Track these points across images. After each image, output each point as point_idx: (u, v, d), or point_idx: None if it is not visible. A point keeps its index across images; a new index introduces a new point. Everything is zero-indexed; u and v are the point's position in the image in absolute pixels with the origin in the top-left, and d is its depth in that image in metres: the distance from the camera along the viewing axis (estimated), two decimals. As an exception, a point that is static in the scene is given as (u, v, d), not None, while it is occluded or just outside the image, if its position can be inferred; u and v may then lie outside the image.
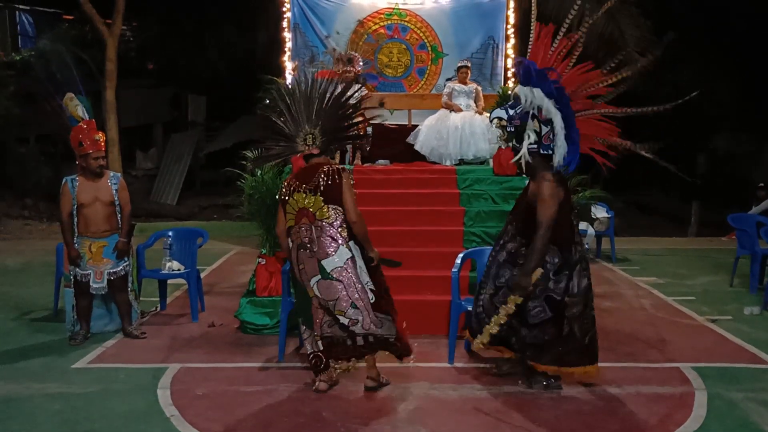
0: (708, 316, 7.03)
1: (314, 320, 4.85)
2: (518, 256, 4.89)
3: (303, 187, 4.82)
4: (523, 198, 5.02)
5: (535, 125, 4.82)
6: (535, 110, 4.81)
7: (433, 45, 10.05)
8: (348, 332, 4.77)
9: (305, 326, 4.96)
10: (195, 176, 21.51)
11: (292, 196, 4.84)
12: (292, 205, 4.84)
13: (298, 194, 4.82)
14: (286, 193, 4.89)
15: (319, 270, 4.74)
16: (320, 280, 4.74)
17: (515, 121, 4.89)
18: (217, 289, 8.10)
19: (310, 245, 4.76)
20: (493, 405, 4.78)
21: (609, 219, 10.16)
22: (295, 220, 4.83)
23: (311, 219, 4.78)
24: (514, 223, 5.03)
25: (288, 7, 9.80)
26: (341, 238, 4.76)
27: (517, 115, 4.89)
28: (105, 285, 6.07)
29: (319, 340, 4.85)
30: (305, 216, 4.79)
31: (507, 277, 4.92)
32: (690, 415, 4.60)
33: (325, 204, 4.76)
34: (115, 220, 6.12)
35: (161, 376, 5.26)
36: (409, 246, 6.98)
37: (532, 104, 4.80)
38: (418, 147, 9.03)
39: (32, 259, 10.00)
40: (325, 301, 4.74)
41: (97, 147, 6.01)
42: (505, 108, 4.99)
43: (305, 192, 4.80)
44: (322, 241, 4.75)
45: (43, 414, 4.62)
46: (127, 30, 19.87)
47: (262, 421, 4.52)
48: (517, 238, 4.96)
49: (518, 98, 4.90)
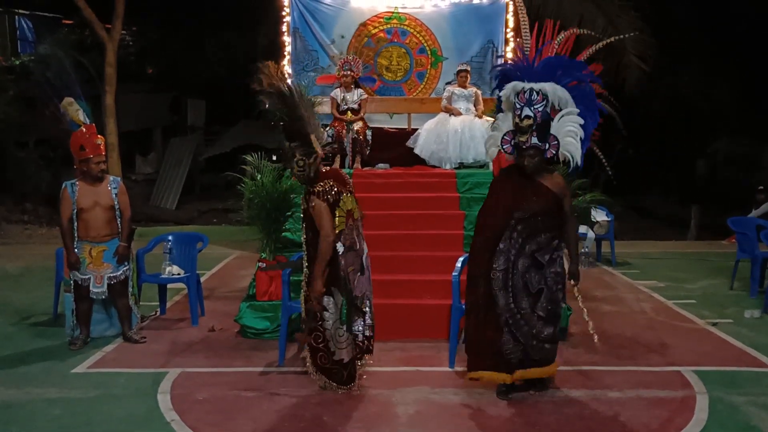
0: (708, 320, 7.02)
1: (355, 318, 4.92)
2: (540, 255, 4.80)
3: (346, 189, 4.91)
4: (527, 199, 4.82)
5: (578, 119, 4.84)
6: (556, 106, 4.84)
7: (433, 49, 10.06)
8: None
9: (347, 332, 4.93)
10: (195, 180, 21.49)
11: (342, 199, 4.85)
12: (342, 208, 4.85)
13: (345, 197, 4.87)
14: (338, 195, 4.83)
15: (363, 266, 4.94)
16: (360, 276, 4.91)
17: (537, 119, 4.83)
18: (218, 294, 8.09)
19: (357, 244, 4.92)
20: (493, 409, 4.77)
21: (609, 222, 10.16)
22: (346, 223, 4.87)
23: (353, 220, 4.91)
24: (519, 227, 4.80)
25: (287, 11, 9.80)
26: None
27: (539, 112, 4.82)
28: (105, 289, 6.07)
29: (367, 330, 4.98)
30: (350, 218, 4.89)
31: (537, 278, 4.79)
32: (691, 419, 4.60)
33: (357, 204, 4.98)
34: (115, 225, 6.12)
35: (161, 380, 5.25)
36: (409, 250, 6.99)
37: (560, 102, 4.82)
38: (417, 151, 9.04)
39: (32, 263, 9.99)
40: (365, 297, 4.96)
41: (97, 151, 6.01)
42: (526, 106, 4.84)
43: (348, 193, 4.91)
44: (361, 239, 4.98)
45: (42, 419, 4.61)
46: (126, 34, 19.89)
47: (262, 426, 4.51)
48: (535, 238, 4.81)
49: (532, 94, 4.81)
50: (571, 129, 4.81)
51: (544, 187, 4.83)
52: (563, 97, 4.82)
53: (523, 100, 4.84)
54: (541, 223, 4.81)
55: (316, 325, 4.91)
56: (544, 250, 4.81)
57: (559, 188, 4.86)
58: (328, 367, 4.96)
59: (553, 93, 4.81)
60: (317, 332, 4.93)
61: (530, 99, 4.82)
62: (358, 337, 4.95)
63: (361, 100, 9.00)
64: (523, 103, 4.84)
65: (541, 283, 4.80)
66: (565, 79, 4.85)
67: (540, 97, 4.81)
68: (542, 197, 4.81)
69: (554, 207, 4.83)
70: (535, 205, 4.80)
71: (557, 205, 4.84)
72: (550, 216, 4.83)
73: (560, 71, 4.87)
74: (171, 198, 20.19)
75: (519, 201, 4.83)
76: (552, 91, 4.80)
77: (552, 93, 4.81)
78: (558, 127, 4.83)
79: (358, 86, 9.13)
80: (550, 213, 4.82)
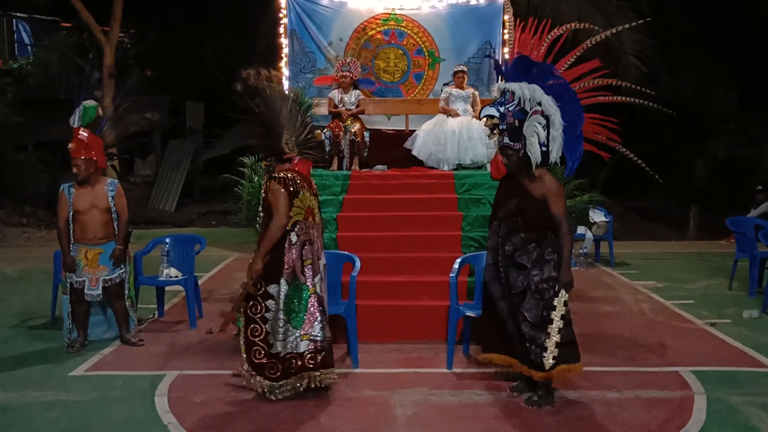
0: (707, 320, 7.02)
1: (306, 318, 4.85)
2: (519, 257, 4.79)
3: (308, 188, 4.97)
4: (510, 198, 4.86)
5: (541, 120, 4.74)
6: (534, 106, 4.75)
7: (430, 50, 10.06)
8: (329, 336, 4.95)
9: (288, 325, 4.83)
10: (193, 183, 21.46)
11: (303, 192, 4.91)
12: (302, 200, 4.89)
13: (304, 192, 4.92)
14: (299, 186, 4.89)
15: (321, 269, 4.94)
16: (320, 279, 4.93)
17: (509, 118, 4.81)
18: (216, 296, 8.08)
19: (315, 244, 4.93)
20: (492, 410, 4.76)
21: (607, 223, 10.17)
22: (305, 215, 4.89)
23: (315, 219, 4.99)
24: (501, 226, 4.88)
25: (284, 13, 9.80)
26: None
27: (510, 112, 4.81)
28: (100, 292, 6.06)
29: (306, 340, 4.83)
30: (312, 215, 4.94)
31: (520, 279, 4.78)
32: (690, 420, 4.59)
33: (319, 210, 5.07)
34: (112, 228, 6.11)
35: (159, 383, 5.25)
36: (407, 251, 6.98)
37: (531, 101, 4.75)
38: (415, 152, 9.03)
39: (30, 266, 9.99)
40: (323, 300, 4.89)
41: (75, 154, 5.99)
42: (495, 105, 4.88)
43: (310, 193, 4.98)
44: (320, 242, 5.02)
45: (40, 422, 4.60)
46: (125, 37, 19.87)
47: (260, 428, 4.50)
48: (510, 239, 4.84)
49: (506, 94, 4.83)
50: (534, 129, 4.76)
51: (522, 187, 4.81)
52: (533, 96, 4.74)
53: (496, 100, 4.92)
54: (517, 224, 4.83)
55: (250, 314, 4.86)
56: (520, 251, 4.80)
57: (542, 190, 4.72)
58: (264, 362, 4.84)
59: (521, 92, 4.77)
60: (256, 325, 4.84)
61: (501, 99, 4.87)
62: (306, 351, 4.84)
63: (359, 101, 9.01)
64: (493, 103, 4.92)
65: (524, 284, 4.80)
66: (543, 79, 4.80)
67: (510, 97, 4.81)
68: (520, 198, 4.81)
69: (532, 208, 4.74)
70: (513, 204, 4.85)
71: (536, 206, 4.73)
72: (528, 217, 4.78)
73: (536, 69, 4.84)
74: (170, 200, 20.16)
75: (502, 200, 4.96)
76: (519, 90, 4.78)
77: (519, 92, 4.78)
78: (526, 127, 4.80)
79: (356, 88, 9.14)
80: (527, 214, 4.78)
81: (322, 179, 7.98)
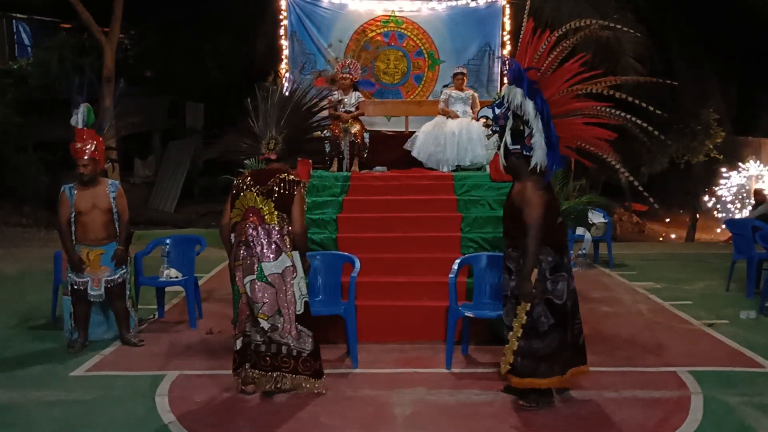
0: (705, 321, 7.05)
1: (240, 317, 4.98)
2: (507, 260, 4.87)
3: (257, 188, 4.94)
4: (508, 200, 4.93)
5: (517, 124, 4.74)
6: (517, 110, 4.73)
7: (430, 52, 10.09)
8: (265, 337, 4.90)
9: (233, 323, 5.03)
10: (193, 183, 21.50)
11: (244, 193, 4.95)
12: (242, 201, 4.95)
13: (249, 193, 4.93)
14: (241, 188, 4.98)
15: (257, 271, 4.85)
16: (254, 280, 4.86)
17: (500, 120, 4.86)
18: (216, 296, 8.10)
19: (253, 245, 4.87)
20: (490, 410, 4.79)
21: (605, 224, 10.20)
22: (243, 216, 4.93)
23: (259, 221, 4.89)
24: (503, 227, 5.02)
25: (285, 14, 9.83)
26: (284, 246, 4.90)
27: (502, 114, 4.85)
28: (102, 292, 6.09)
29: (240, 338, 4.98)
30: (254, 216, 4.90)
31: (505, 282, 4.89)
32: (686, 420, 4.62)
33: (276, 210, 4.90)
34: (113, 228, 6.14)
35: (159, 383, 5.27)
36: (406, 252, 7.01)
37: (514, 104, 4.75)
38: (415, 153, 9.06)
39: (30, 266, 10.01)
40: (252, 302, 4.86)
41: (78, 155, 6.02)
42: (492, 107, 4.96)
43: (258, 193, 4.93)
44: (265, 244, 4.87)
45: (41, 421, 4.62)
46: (125, 38, 19.89)
47: (260, 428, 4.53)
48: (504, 242, 4.94)
49: (503, 96, 4.89)
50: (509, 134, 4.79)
51: (509, 192, 4.89)
52: (516, 101, 4.72)
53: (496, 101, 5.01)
54: (506, 228, 4.94)
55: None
56: (505, 255, 4.91)
57: (519, 197, 4.72)
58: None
59: (508, 95, 4.81)
60: None
61: (499, 101, 4.92)
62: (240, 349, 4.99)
63: (359, 102, 9.03)
64: (491, 105, 5.00)
65: (507, 289, 4.86)
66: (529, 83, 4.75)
67: (505, 99, 4.88)
68: (508, 202, 4.91)
69: (512, 214, 4.79)
70: (505, 208, 4.96)
71: (514, 213, 4.76)
72: (511, 222, 4.84)
73: (517, 76, 4.82)
74: (169, 201, 20.20)
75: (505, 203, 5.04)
76: (506, 93, 4.83)
77: (506, 95, 4.82)
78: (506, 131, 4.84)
79: (356, 89, 9.16)
80: (509, 219, 4.85)
81: (322, 180, 8.02)
